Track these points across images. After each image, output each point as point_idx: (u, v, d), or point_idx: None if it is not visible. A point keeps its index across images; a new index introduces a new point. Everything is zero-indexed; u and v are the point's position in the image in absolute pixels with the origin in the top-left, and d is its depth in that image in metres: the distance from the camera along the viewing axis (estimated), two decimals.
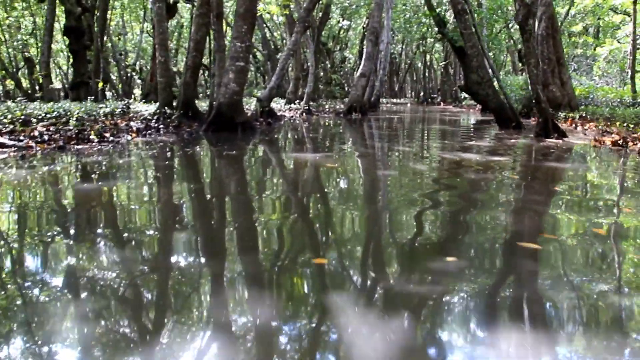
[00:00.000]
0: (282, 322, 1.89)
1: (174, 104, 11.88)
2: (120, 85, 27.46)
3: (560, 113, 13.43)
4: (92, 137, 7.80)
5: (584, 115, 12.79)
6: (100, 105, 12.83)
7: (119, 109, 12.22)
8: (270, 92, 14.44)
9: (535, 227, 3.33)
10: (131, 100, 15.93)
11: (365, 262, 2.61)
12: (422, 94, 49.45)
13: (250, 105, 15.92)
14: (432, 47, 45.37)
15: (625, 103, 15.69)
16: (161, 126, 10.27)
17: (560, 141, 8.75)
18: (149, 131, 9.58)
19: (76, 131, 8.03)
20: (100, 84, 17.98)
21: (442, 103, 40.86)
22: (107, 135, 8.20)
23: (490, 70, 11.86)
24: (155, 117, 11.03)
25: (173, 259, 2.63)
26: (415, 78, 58.35)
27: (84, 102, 13.93)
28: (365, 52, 18.35)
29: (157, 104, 12.27)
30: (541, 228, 3.30)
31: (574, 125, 12.04)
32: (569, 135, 9.57)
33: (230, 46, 10.03)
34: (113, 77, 27.15)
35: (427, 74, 51.57)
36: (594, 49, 24.37)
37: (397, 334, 1.81)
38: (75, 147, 7.10)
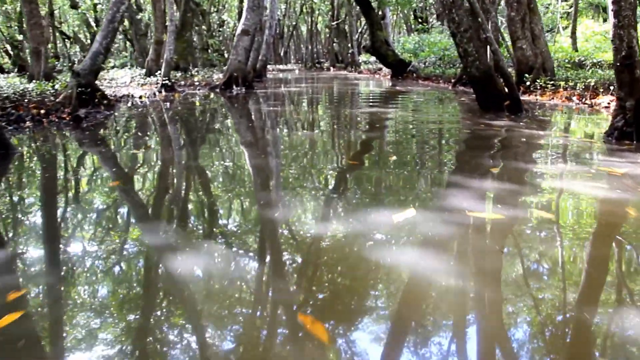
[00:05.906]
0: None
1: None
2: None
3: (538, 81, 9.23)
4: None
5: (585, 83, 8.56)
6: None
7: None
8: (94, 61, 8.71)
9: None
10: None
11: None
12: (309, 59, 44.62)
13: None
14: (318, 8, 40.57)
15: (571, 63, 11.93)
16: None
17: None
18: None
19: None
20: None
21: (332, 68, 36.31)
22: None
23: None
24: None
25: None
26: (298, 42, 53.42)
27: None
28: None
29: None
30: None
31: (581, 101, 7.86)
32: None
33: None
34: None
35: (312, 38, 46.70)
36: None
37: None
38: None
